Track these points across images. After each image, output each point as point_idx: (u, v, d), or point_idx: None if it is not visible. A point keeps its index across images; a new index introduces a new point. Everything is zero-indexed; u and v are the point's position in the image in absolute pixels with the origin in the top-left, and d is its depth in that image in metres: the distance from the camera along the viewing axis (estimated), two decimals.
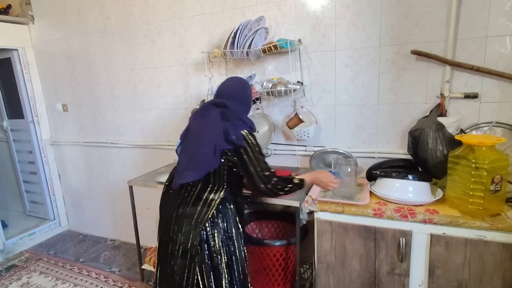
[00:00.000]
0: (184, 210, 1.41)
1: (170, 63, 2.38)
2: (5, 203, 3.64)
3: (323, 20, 1.85)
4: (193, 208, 1.40)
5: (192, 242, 1.37)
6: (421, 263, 1.39)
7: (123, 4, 2.46)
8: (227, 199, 1.44)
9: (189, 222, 1.39)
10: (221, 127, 1.37)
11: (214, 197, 1.41)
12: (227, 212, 1.44)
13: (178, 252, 1.41)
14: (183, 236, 1.39)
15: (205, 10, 2.16)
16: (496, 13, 1.51)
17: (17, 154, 3.35)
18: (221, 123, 1.39)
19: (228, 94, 1.51)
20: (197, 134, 1.45)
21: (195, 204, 1.41)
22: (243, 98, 1.53)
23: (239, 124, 1.40)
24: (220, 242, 1.39)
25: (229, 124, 1.38)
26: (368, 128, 1.87)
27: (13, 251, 2.90)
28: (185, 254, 1.39)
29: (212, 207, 1.40)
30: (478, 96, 1.60)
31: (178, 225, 1.42)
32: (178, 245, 1.40)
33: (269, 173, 1.41)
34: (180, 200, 1.44)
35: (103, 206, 3.07)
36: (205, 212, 1.39)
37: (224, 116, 1.40)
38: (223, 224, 1.42)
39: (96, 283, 2.38)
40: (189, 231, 1.38)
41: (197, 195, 1.42)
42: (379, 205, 1.46)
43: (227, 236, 1.43)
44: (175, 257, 1.42)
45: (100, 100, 2.79)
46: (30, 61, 3.00)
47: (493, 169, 1.27)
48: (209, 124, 1.42)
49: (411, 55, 1.68)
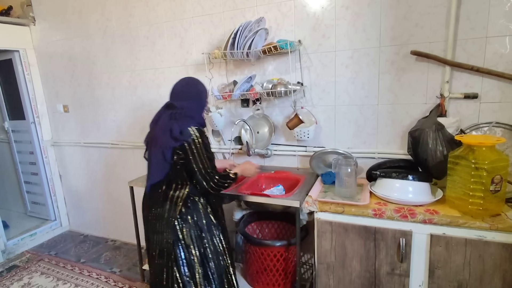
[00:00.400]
0: (156, 211, 1.50)
1: (170, 64, 2.39)
2: (6, 204, 3.65)
3: (323, 21, 1.85)
4: (162, 209, 1.48)
5: (167, 241, 1.44)
6: (421, 263, 1.39)
7: (124, 5, 2.47)
8: (194, 193, 1.49)
9: (161, 223, 1.48)
10: (168, 127, 1.42)
11: (179, 194, 1.47)
12: (196, 206, 1.49)
13: (156, 252, 1.49)
14: (157, 236, 1.48)
15: (206, 11, 2.16)
16: (495, 14, 1.51)
17: (18, 155, 3.36)
18: (168, 123, 1.44)
19: (178, 94, 1.54)
20: (153, 138, 1.52)
21: (163, 204, 1.48)
22: (193, 96, 1.55)
23: (187, 121, 1.44)
24: (190, 236, 1.46)
25: (175, 122, 1.42)
26: (368, 129, 1.87)
27: (15, 252, 2.91)
28: (162, 253, 1.46)
29: (179, 204, 1.46)
30: (478, 97, 1.60)
31: (154, 227, 1.50)
32: (155, 246, 1.50)
33: (212, 172, 1.46)
34: (151, 202, 1.53)
35: (104, 207, 3.08)
36: (173, 210, 1.46)
37: (172, 116, 1.45)
38: (193, 219, 1.47)
39: (97, 283, 2.39)
40: (162, 231, 1.46)
41: (164, 195, 1.49)
42: (379, 206, 1.47)
43: (198, 229, 1.48)
44: (155, 258, 1.50)
45: (101, 101, 2.80)
46: (31, 62, 3.01)
47: (493, 170, 1.27)
48: (160, 127, 1.48)
49: (411, 56, 1.68)
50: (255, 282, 1.94)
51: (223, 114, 2.13)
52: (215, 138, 2.33)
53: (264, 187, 2.05)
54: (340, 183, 1.60)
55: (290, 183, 1.94)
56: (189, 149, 1.41)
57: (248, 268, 2.01)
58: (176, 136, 1.39)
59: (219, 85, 2.18)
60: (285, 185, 1.97)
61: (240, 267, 2.17)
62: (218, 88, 2.15)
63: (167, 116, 1.47)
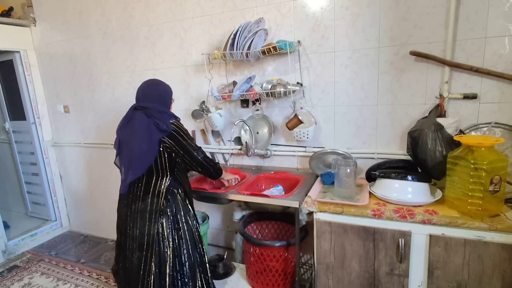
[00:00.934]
0: (137, 206, 1.54)
1: (170, 64, 2.40)
2: (7, 204, 3.65)
3: (322, 22, 1.85)
4: (144, 203, 1.53)
5: (148, 233, 1.50)
6: (420, 263, 1.39)
7: (124, 6, 2.47)
8: (173, 186, 1.57)
9: (143, 216, 1.53)
10: (150, 123, 1.49)
11: (160, 188, 1.54)
12: (175, 198, 1.57)
13: (135, 246, 1.54)
14: (139, 230, 1.53)
15: (205, 12, 2.17)
16: (495, 14, 1.51)
17: (19, 155, 3.37)
18: (148, 120, 1.50)
19: (143, 97, 1.59)
20: (129, 139, 1.55)
21: (145, 198, 1.53)
22: (157, 96, 1.60)
23: (165, 117, 1.53)
24: (168, 229, 1.52)
25: (155, 118, 1.50)
26: (368, 129, 1.88)
27: (15, 252, 2.92)
28: (142, 246, 1.52)
29: (161, 197, 1.53)
30: (477, 97, 1.60)
31: (133, 221, 1.55)
32: (134, 239, 1.54)
33: (200, 149, 1.61)
34: (130, 198, 1.56)
35: (104, 207, 3.08)
36: (156, 203, 1.52)
37: (148, 114, 1.52)
38: (172, 211, 1.54)
39: (97, 283, 2.39)
40: (144, 224, 1.52)
41: (144, 189, 1.54)
42: (378, 206, 1.47)
43: (175, 221, 1.55)
44: (134, 251, 1.54)
45: (101, 102, 2.81)
46: (32, 63, 3.02)
47: (492, 170, 1.27)
48: (137, 125, 1.53)
49: (410, 56, 1.69)
50: (255, 282, 1.94)
51: (223, 114, 2.14)
52: (215, 139, 2.34)
53: (264, 187, 2.05)
54: (340, 183, 1.60)
55: (290, 183, 1.94)
56: (178, 135, 1.52)
57: (248, 269, 2.01)
58: (163, 129, 1.48)
59: (218, 85, 2.18)
60: (284, 185, 1.98)
61: (240, 267, 2.17)
62: (217, 88, 2.15)
63: (142, 115, 1.53)
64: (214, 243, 2.55)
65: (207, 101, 2.21)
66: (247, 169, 2.20)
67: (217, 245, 2.54)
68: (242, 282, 2.04)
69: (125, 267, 1.61)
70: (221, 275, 2.08)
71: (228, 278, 2.08)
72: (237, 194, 1.76)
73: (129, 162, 1.54)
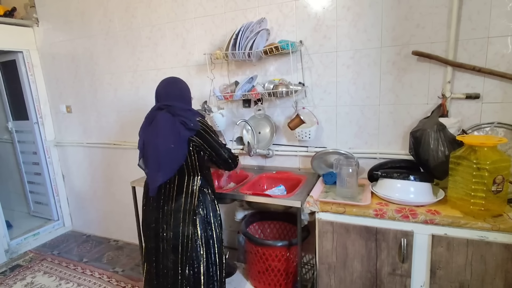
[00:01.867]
0: (169, 207, 1.52)
1: (172, 64, 2.40)
2: (10, 204, 3.67)
3: (324, 22, 1.85)
4: (177, 203, 1.51)
5: (183, 234, 1.48)
6: (422, 264, 1.39)
7: (126, 6, 2.48)
8: (204, 185, 1.57)
9: (176, 217, 1.50)
10: (176, 121, 1.46)
11: (193, 187, 1.53)
12: (206, 198, 1.56)
13: (169, 248, 1.52)
14: (172, 231, 1.51)
15: (207, 12, 2.17)
16: (497, 14, 1.51)
17: (21, 155, 3.39)
18: (173, 118, 1.47)
19: (165, 96, 1.56)
20: (155, 139, 1.49)
21: (178, 198, 1.52)
22: (178, 93, 1.58)
23: (190, 115, 1.51)
24: (200, 229, 1.51)
25: (181, 117, 1.47)
26: (370, 129, 1.87)
27: (18, 251, 2.93)
28: (176, 248, 1.49)
29: (195, 196, 1.52)
30: (480, 97, 1.60)
31: (166, 223, 1.51)
32: (169, 242, 1.52)
33: (225, 145, 1.62)
34: (162, 200, 1.54)
35: (106, 207, 3.09)
36: (190, 202, 1.51)
37: (173, 113, 1.49)
38: (203, 211, 1.54)
39: (100, 283, 2.40)
40: (177, 225, 1.50)
41: (177, 190, 1.52)
42: (381, 206, 1.47)
43: (206, 221, 1.55)
44: (169, 254, 1.51)
45: (103, 102, 2.82)
46: (34, 63, 3.03)
47: (494, 170, 1.27)
48: (163, 125, 1.48)
49: (412, 56, 1.68)
50: (257, 282, 1.95)
51: (225, 114, 2.14)
52: None
53: (266, 187, 2.05)
54: (342, 183, 1.60)
55: (292, 183, 1.94)
56: (206, 133, 1.51)
57: (250, 268, 2.01)
58: (191, 127, 1.46)
59: (220, 85, 2.18)
60: (286, 185, 1.98)
61: (242, 267, 2.18)
62: (219, 88, 2.16)
63: (166, 114, 1.49)
64: None
65: (209, 101, 2.22)
66: (249, 169, 2.20)
67: None
68: (244, 281, 2.04)
69: (159, 274, 1.56)
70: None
71: (230, 278, 2.08)
72: (239, 194, 1.77)
73: (158, 163, 1.49)
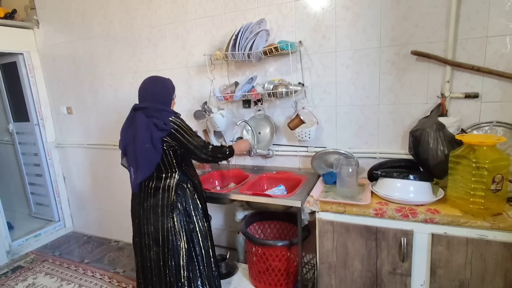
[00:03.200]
0: (148, 203, 1.59)
1: (172, 65, 2.41)
2: (11, 205, 3.68)
3: (324, 22, 1.86)
4: (155, 199, 1.58)
5: (162, 228, 1.56)
6: (422, 262, 1.40)
7: (127, 8, 2.49)
8: (183, 180, 1.61)
9: (155, 212, 1.58)
10: (150, 123, 1.51)
11: (170, 183, 1.58)
12: (185, 192, 1.62)
13: (152, 242, 1.59)
14: (153, 225, 1.58)
15: (207, 13, 2.18)
16: (496, 13, 1.51)
17: (22, 156, 3.39)
18: (147, 120, 1.53)
19: (142, 97, 1.62)
20: (133, 140, 1.57)
21: (156, 194, 1.58)
22: (156, 94, 1.61)
23: (164, 115, 1.54)
24: (179, 222, 1.57)
25: (154, 118, 1.52)
26: (369, 129, 1.88)
27: (19, 253, 2.94)
28: (158, 241, 1.57)
29: (172, 191, 1.57)
30: (479, 96, 1.60)
31: (147, 218, 1.60)
32: (150, 236, 1.59)
33: (204, 143, 1.60)
34: (142, 196, 1.62)
35: (107, 208, 3.10)
36: (167, 198, 1.57)
37: (147, 114, 1.54)
38: (183, 205, 1.59)
39: (101, 283, 2.41)
40: (157, 219, 1.57)
41: (155, 186, 1.59)
42: (381, 205, 1.47)
43: (186, 215, 1.60)
44: (151, 247, 1.58)
45: (104, 103, 2.83)
46: (35, 65, 3.04)
47: (494, 169, 1.27)
48: (139, 126, 1.55)
49: (411, 56, 1.69)
50: (258, 282, 1.95)
51: (225, 115, 2.15)
52: (217, 139, 2.35)
53: (266, 187, 2.06)
54: (342, 183, 1.61)
55: (292, 183, 1.95)
56: (178, 133, 1.53)
57: (250, 268, 2.02)
58: (163, 128, 1.50)
59: (220, 86, 2.19)
60: (286, 185, 1.98)
61: (242, 267, 2.18)
62: (219, 89, 2.16)
63: (141, 116, 1.55)
64: (216, 243, 2.53)
65: (209, 102, 2.22)
66: (249, 169, 2.21)
67: (219, 245, 2.54)
68: (245, 281, 2.05)
69: (144, 266, 1.65)
70: (224, 274, 2.09)
71: (230, 278, 2.09)
72: (239, 194, 1.77)
73: (136, 162, 1.57)
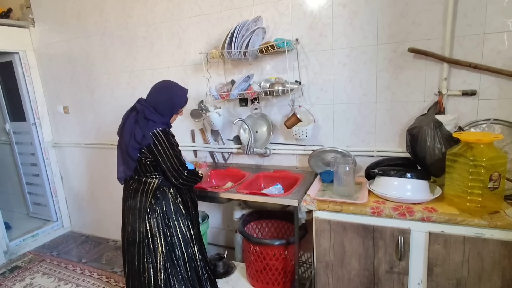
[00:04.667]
0: (129, 203, 1.61)
1: (168, 64, 2.39)
2: (8, 205, 3.67)
3: (320, 20, 1.85)
4: (134, 200, 1.59)
5: (139, 230, 1.56)
6: (420, 261, 1.39)
7: (122, 6, 2.47)
8: (164, 185, 1.59)
9: (133, 213, 1.59)
10: (132, 130, 1.51)
11: (149, 187, 1.57)
12: (166, 196, 1.59)
13: (130, 240, 1.61)
14: (131, 226, 1.59)
15: (203, 11, 2.16)
16: (493, 10, 1.50)
17: (19, 156, 3.38)
18: (133, 125, 1.52)
19: (148, 94, 1.61)
20: (121, 139, 1.61)
21: (135, 196, 1.59)
22: (156, 99, 1.58)
23: (149, 125, 1.49)
24: (156, 226, 1.55)
25: (138, 127, 1.49)
26: (367, 127, 1.87)
27: (17, 253, 2.93)
28: (134, 242, 1.59)
29: (149, 195, 1.56)
30: (476, 93, 1.59)
31: (128, 217, 1.63)
32: (129, 234, 1.61)
33: (180, 169, 1.54)
34: (125, 194, 1.65)
35: (105, 207, 3.09)
36: (145, 202, 1.56)
37: (136, 118, 1.53)
38: (162, 209, 1.57)
39: (98, 283, 2.40)
40: (134, 221, 1.58)
41: (135, 188, 1.60)
42: (378, 204, 1.46)
43: (165, 218, 1.58)
44: (129, 245, 1.60)
45: (100, 102, 2.81)
46: (31, 64, 3.02)
47: (491, 167, 1.27)
48: (126, 130, 1.56)
49: (408, 53, 1.68)
50: (255, 281, 1.95)
51: (222, 114, 2.14)
52: (214, 138, 2.34)
53: (263, 186, 2.05)
54: (339, 181, 1.60)
55: (289, 182, 1.94)
56: (156, 150, 1.49)
57: (248, 267, 2.01)
58: (138, 141, 1.48)
59: (217, 84, 2.18)
60: (284, 184, 1.98)
61: (240, 266, 2.17)
62: (216, 87, 2.15)
63: (132, 119, 1.55)
64: (214, 242, 2.55)
65: (206, 101, 2.21)
66: (247, 168, 2.20)
67: (217, 244, 2.54)
68: (242, 280, 2.04)
69: (125, 259, 1.68)
70: (221, 274, 2.09)
71: (228, 277, 2.08)
72: (236, 193, 1.76)
73: (121, 158, 1.62)
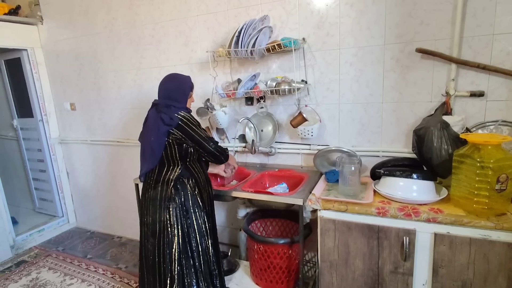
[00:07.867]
0: (149, 194, 1.64)
1: (175, 62, 2.40)
2: (15, 200, 3.71)
3: (327, 19, 1.84)
4: (155, 191, 1.62)
5: (159, 220, 1.59)
6: (425, 262, 1.39)
7: (130, 4, 2.49)
8: (184, 175, 1.63)
9: (154, 204, 1.61)
10: (158, 118, 1.59)
11: (170, 177, 1.61)
12: (185, 188, 1.62)
13: (149, 233, 1.63)
14: (151, 217, 1.62)
15: (210, 9, 2.17)
16: (503, 11, 1.49)
17: (26, 152, 3.42)
18: (157, 115, 1.60)
19: (159, 92, 1.69)
20: (145, 134, 1.69)
21: (156, 186, 1.62)
22: (169, 91, 1.67)
23: (172, 110, 1.59)
24: (175, 216, 1.58)
25: (162, 113, 1.58)
26: (373, 127, 1.87)
27: (23, 247, 2.97)
28: (154, 233, 1.61)
29: (170, 185, 1.60)
30: (484, 95, 1.58)
31: (147, 209, 1.65)
32: (148, 227, 1.64)
33: (212, 138, 1.68)
34: (145, 187, 1.69)
35: (110, 204, 3.12)
36: (165, 191, 1.60)
37: (157, 109, 1.63)
38: (180, 199, 1.60)
39: (103, 279, 2.42)
40: (154, 211, 1.61)
41: (156, 179, 1.64)
42: (383, 204, 1.46)
43: (183, 209, 1.61)
44: (149, 238, 1.64)
45: (107, 99, 2.83)
46: (39, 61, 3.05)
47: (498, 168, 1.26)
48: (149, 121, 1.67)
49: (416, 53, 1.67)
50: (259, 279, 1.95)
51: (227, 112, 2.14)
52: (220, 136, 2.34)
53: (268, 185, 2.05)
54: (344, 181, 1.60)
55: (294, 181, 1.94)
56: (186, 126, 1.58)
57: (252, 265, 2.02)
58: (167, 123, 1.56)
59: (223, 83, 2.18)
60: (288, 183, 1.98)
61: (244, 264, 2.18)
62: (222, 86, 2.16)
63: (154, 112, 1.65)
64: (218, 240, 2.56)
65: (212, 99, 2.22)
66: (252, 167, 2.20)
67: (221, 242, 2.53)
68: (246, 279, 2.05)
69: (142, 255, 1.70)
70: (226, 272, 2.10)
71: (232, 275, 2.09)
72: (241, 191, 1.77)
73: (144, 155, 1.68)
